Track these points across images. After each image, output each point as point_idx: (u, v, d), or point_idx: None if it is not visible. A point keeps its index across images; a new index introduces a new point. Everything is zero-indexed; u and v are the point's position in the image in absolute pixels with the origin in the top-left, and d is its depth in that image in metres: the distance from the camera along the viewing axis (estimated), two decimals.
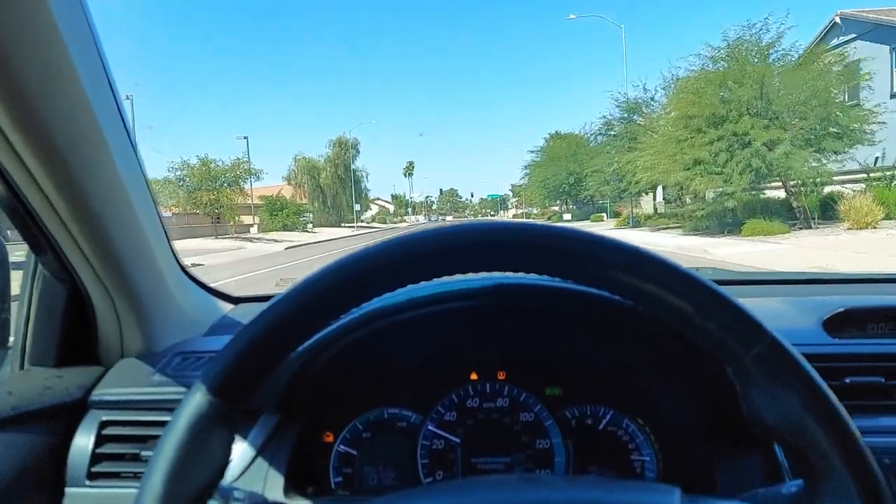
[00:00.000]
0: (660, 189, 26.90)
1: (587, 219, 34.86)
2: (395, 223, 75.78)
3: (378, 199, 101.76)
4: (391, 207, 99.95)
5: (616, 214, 31.24)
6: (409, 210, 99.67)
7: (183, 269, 1.13)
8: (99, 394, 0.95)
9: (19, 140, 0.73)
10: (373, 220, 73.55)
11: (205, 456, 0.47)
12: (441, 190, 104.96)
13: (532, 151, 47.60)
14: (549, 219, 41.49)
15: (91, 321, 1.01)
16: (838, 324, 0.96)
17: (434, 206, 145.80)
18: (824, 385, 0.45)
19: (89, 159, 0.82)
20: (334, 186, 56.24)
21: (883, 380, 0.86)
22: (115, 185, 0.87)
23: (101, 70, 0.82)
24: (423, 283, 0.50)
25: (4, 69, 0.65)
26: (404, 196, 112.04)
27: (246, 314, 1.24)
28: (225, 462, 0.49)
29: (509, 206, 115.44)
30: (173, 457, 0.45)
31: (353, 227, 51.52)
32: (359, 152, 60.45)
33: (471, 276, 0.54)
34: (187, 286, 1.15)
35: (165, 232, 1.05)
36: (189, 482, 0.45)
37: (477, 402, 0.94)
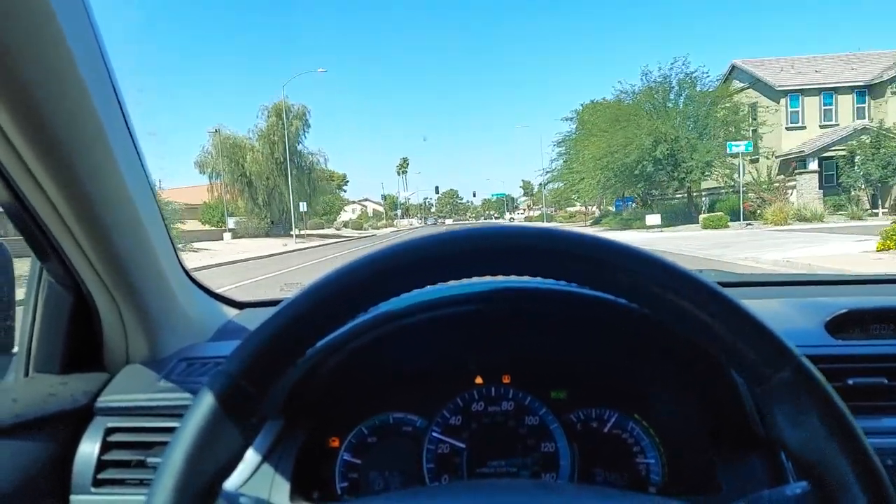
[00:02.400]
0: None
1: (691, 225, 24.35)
2: (377, 229, 65.42)
3: (366, 199, 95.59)
4: (380, 210, 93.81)
5: (753, 215, 22.89)
6: (399, 213, 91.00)
7: (188, 274, 1.13)
8: (104, 400, 0.95)
9: (23, 145, 0.73)
10: (345, 226, 61.39)
11: (223, 442, 0.47)
12: (437, 188, 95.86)
13: (558, 142, 38.32)
14: (592, 224, 34.28)
15: (96, 327, 1.01)
16: (841, 325, 0.96)
17: (433, 209, 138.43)
18: (848, 413, 0.45)
19: (94, 164, 0.82)
20: (272, 177, 36.92)
21: (886, 381, 0.87)
22: (120, 191, 0.87)
23: (106, 75, 0.82)
24: (429, 286, 0.50)
25: (8, 74, 0.66)
26: (396, 197, 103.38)
27: (251, 319, 1.23)
28: (240, 453, 0.49)
29: (518, 207, 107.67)
30: (194, 438, 0.45)
31: (294, 236, 32.48)
32: (308, 126, 39.39)
33: (475, 279, 0.54)
34: (192, 291, 1.15)
35: (170, 237, 1.05)
36: (206, 466, 0.46)
37: (482, 405, 0.94)
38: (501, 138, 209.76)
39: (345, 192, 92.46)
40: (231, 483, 0.50)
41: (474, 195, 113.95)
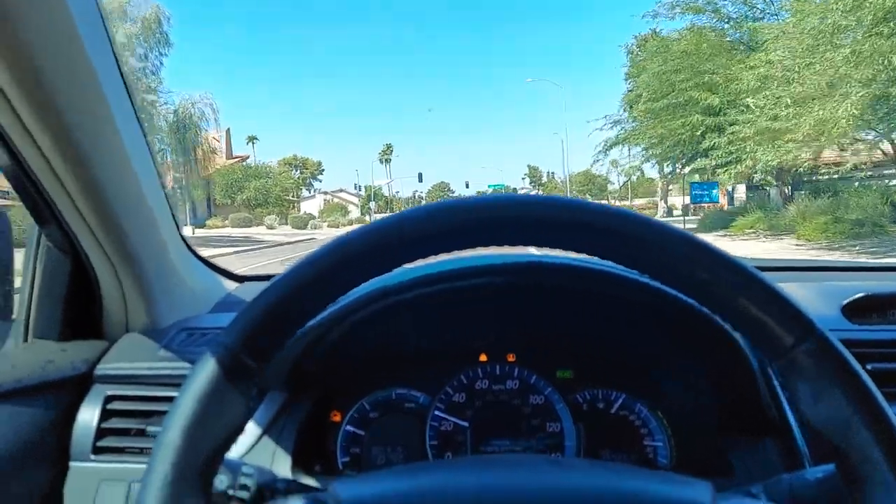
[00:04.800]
0: None
1: None
2: (336, 226, 44.21)
3: (341, 190, 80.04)
4: (354, 201, 77.88)
5: None
6: (373, 206, 74.74)
7: (188, 246, 1.12)
8: (103, 368, 0.94)
9: (22, 107, 0.71)
10: (291, 222, 42.40)
11: (221, 414, 0.46)
12: (420, 175, 77.44)
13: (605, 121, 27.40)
14: (669, 213, 32.40)
15: (95, 295, 1.00)
16: (859, 310, 0.95)
17: (423, 202, 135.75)
18: (873, 386, 0.44)
19: (94, 128, 0.80)
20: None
21: None
22: (121, 157, 0.86)
23: (106, 40, 0.81)
24: (433, 259, 0.49)
25: (5, 30, 0.64)
26: (377, 188, 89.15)
27: (251, 292, 1.16)
28: (240, 426, 0.48)
29: None
30: (192, 410, 0.44)
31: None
32: (169, 44, 22.49)
33: (481, 251, 0.52)
34: (192, 263, 1.14)
35: (171, 208, 1.04)
36: (205, 438, 0.45)
37: (486, 383, 0.93)
38: (500, 116, 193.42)
39: (319, 181, 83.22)
40: (232, 454, 0.48)
41: (467, 186, 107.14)
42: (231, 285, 1.28)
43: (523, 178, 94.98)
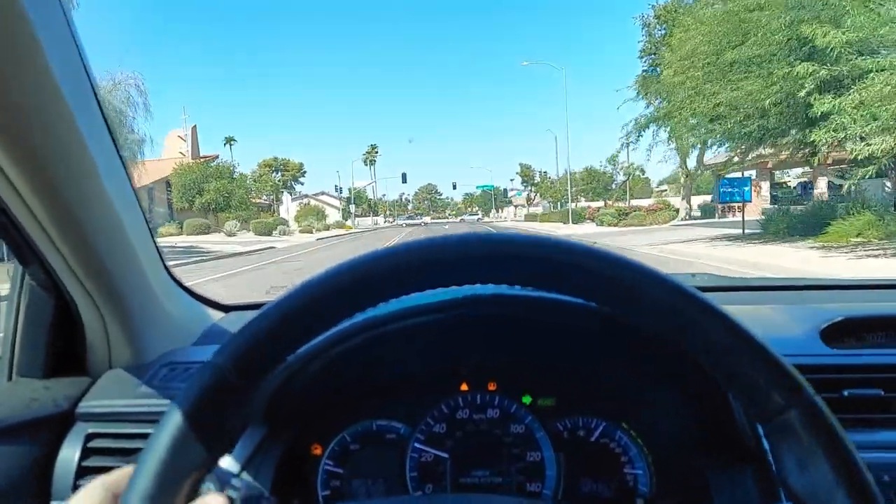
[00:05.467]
0: None
1: None
2: (310, 231, 42.16)
3: (323, 193, 74.45)
4: (335, 205, 72.05)
5: None
6: (353, 209, 69.90)
7: (172, 276, 1.13)
8: (85, 406, 0.95)
9: None
10: (256, 229, 36.73)
11: (206, 435, 0.47)
12: (404, 175, 71.94)
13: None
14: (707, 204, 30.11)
15: (79, 332, 1.00)
16: (836, 333, 0.95)
17: (409, 206, 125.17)
18: (858, 457, 0.43)
19: (70, 165, 0.80)
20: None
21: (882, 392, 0.85)
22: (98, 192, 0.86)
23: (82, 70, 0.80)
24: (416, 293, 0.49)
25: None
26: (361, 190, 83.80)
27: (237, 323, 1.13)
28: (229, 443, 0.50)
29: (509, 201, 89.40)
30: (179, 429, 0.45)
31: None
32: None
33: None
34: (176, 294, 1.14)
35: (153, 238, 1.04)
36: (189, 458, 0.45)
37: (467, 413, 0.92)
38: (491, 113, 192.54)
39: (301, 184, 79.31)
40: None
41: (454, 187, 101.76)
42: (216, 315, 1.28)
43: (512, 180, 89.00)
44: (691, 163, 31.83)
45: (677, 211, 33.14)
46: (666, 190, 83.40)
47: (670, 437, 0.86)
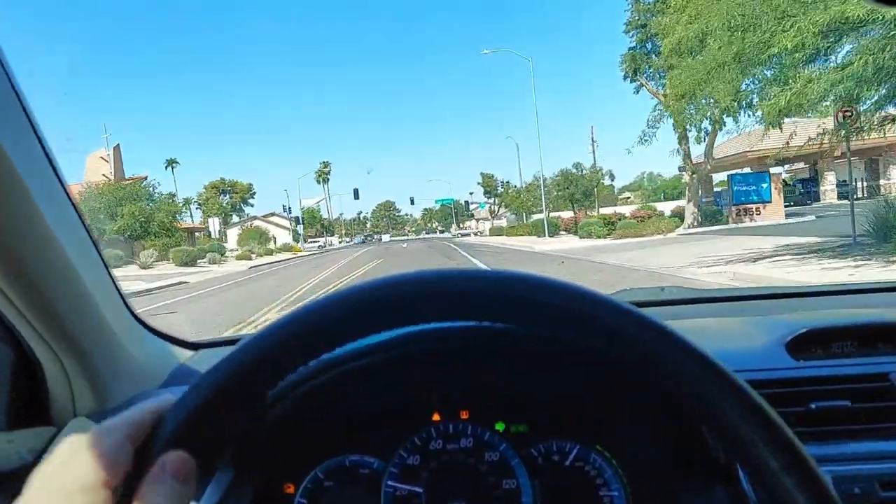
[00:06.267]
0: None
1: None
2: (249, 257, 38.96)
3: (273, 214, 72.46)
4: (284, 225, 69.07)
5: None
6: (301, 229, 66.02)
7: (135, 315, 1.11)
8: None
9: None
10: (150, 262, 29.33)
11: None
12: (356, 191, 68.65)
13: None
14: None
15: (40, 380, 0.98)
16: (802, 344, 0.96)
17: (368, 224, 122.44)
18: (820, 473, 0.44)
19: (11, 212, 0.78)
20: None
21: (850, 403, 0.86)
22: (45, 236, 0.84)
23: (19, 104, 0.80)
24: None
25: None
26: (314, 209, 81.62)
27: (206, 361, 1.21)
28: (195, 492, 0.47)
29: (471, 214, 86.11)
30: None
31: None
32: None
33: None
34: (140, 335, 1.13)
35: (112, 277, 1.04)
36: None
37: (440, 443, 0.91)
38: (451, 122, 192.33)
39: (251, 205, 78.14)
40: None
41: (412, 202, 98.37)
42: (185, 354, 1.25)
43: (471, 193, 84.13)
44: (696, 155, 26.71)
45: (678, 218, 27.46)
46: (630, 198, 79.02)
47: (644, 456, 0.86)
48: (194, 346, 1.28)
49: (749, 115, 16.03)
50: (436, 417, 0.92)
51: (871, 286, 1.45)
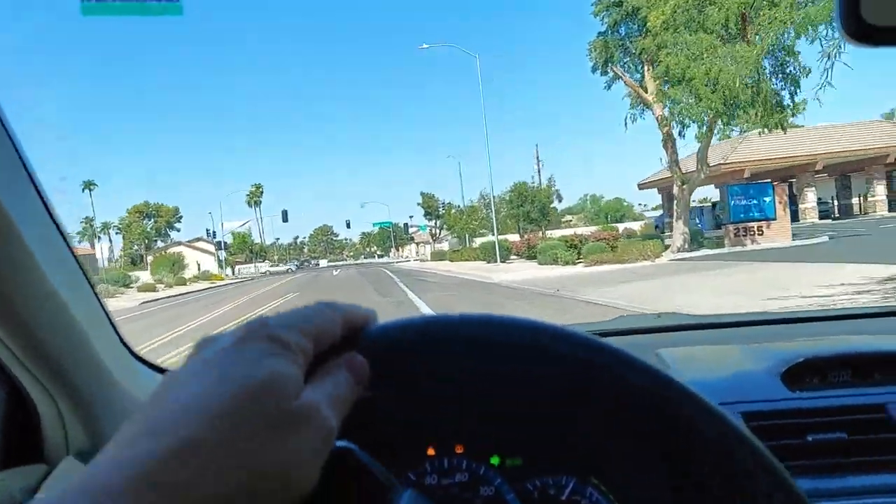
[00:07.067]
0: None
1: None
2: (122, 288, 35.24)
3: (199, 239, 68.16)
4: (209, 250, 64.78)
5: None
6: (221, 256, 61.35)
7: (128, 348, 1.12)
8: (40, 498, 0.93)
9: None
10: None
11: None
12: (285, 212, 63.52)
13: None
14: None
15: (32, 418, 0.99)
16: (798, 374, 0.96)
17: (305, 249, 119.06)
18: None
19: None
20: None
21: (846, 436, 0.86)
22: (34, 275, 0.84)
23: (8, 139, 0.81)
24: None
25: None
26: (247, 235, 78.38)
27: None
28: None
29: (410, 238, 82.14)
30: None
31: None
32: None
33: None
34: (134, 367, 1.13)
35: (106, 311, 1.04)
36: None
37: (435, 479, 0.88)
38: (385, 137, 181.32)
39: (177, 230, 75.45)
40: None
41: (348, 226, 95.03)
42: None
43: (411, 217, 79.53)
44: (683, 155, 22.44)
45: (657, 239, 22.83)
46: (571, 220, 76.60)
47: (641, 487, 0.82)
48: None
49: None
50: (430, 452, 0.88)
51: (867, 311, 1.50)
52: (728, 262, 15.93)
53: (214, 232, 63.45)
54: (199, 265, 60.18)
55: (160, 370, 1.21)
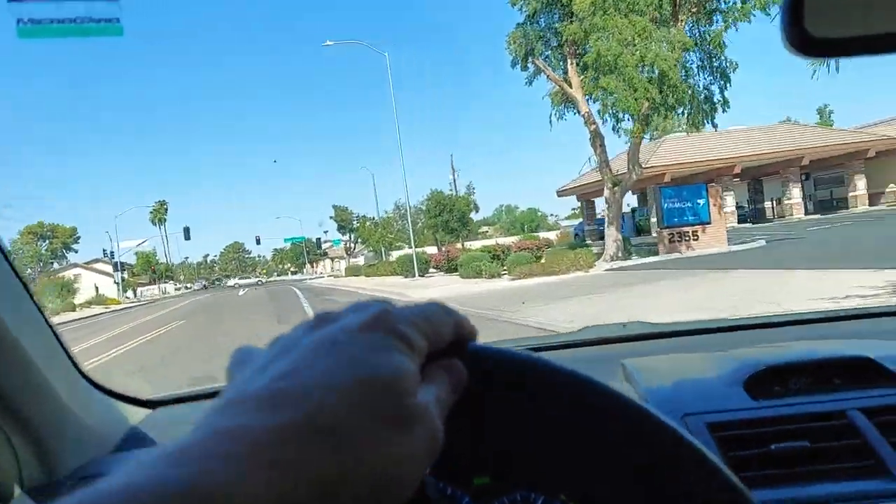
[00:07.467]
0: None
1: None
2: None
3: (97, 261, 63.08)
4: (107, 271, 59.40)
5: None
6: (118, 278, 55.82)
7: (82, 373, 1.07)
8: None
9: None
10: None
11: None
12: (187, 230, 61.16)
13: None
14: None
15: None
16: (760, 382, 0.97)
17: (216, 267, 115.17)
18: None
19: None
20: None
21: (809, 443, 0.86)
22: None
23: None
24: None
25: None
26: (152, 255, 74.22)
27: (165, 421, 1.16)
28: None
29: (324, 253, 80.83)
30: None
31: None
32: None
33: None
34: (90, 395, 1.09)
35: (57, 337, 1.00)
36: None
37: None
38: (295, 148, 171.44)
39: (75, 251, 70.51)
40: None
41: (258, 242, 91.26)
42: (140, 413, 1.20)
43: (326, 231, 76.56)
44: (613, 154, 21.08)
45: (586, 247, 21.23)
46: (487, 231, 75.92)
47: (613, 499, 0.78)
48: (150, 405, 1.23)
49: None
50: None
51: (830, 315, 1.54)
52: (671, 270, 14.48)
53: (112, 252, 57.24)
54: (97, 288, 55.78)
55: (115, 395, 1.15)
